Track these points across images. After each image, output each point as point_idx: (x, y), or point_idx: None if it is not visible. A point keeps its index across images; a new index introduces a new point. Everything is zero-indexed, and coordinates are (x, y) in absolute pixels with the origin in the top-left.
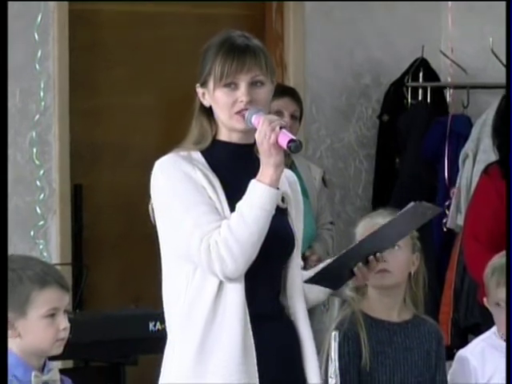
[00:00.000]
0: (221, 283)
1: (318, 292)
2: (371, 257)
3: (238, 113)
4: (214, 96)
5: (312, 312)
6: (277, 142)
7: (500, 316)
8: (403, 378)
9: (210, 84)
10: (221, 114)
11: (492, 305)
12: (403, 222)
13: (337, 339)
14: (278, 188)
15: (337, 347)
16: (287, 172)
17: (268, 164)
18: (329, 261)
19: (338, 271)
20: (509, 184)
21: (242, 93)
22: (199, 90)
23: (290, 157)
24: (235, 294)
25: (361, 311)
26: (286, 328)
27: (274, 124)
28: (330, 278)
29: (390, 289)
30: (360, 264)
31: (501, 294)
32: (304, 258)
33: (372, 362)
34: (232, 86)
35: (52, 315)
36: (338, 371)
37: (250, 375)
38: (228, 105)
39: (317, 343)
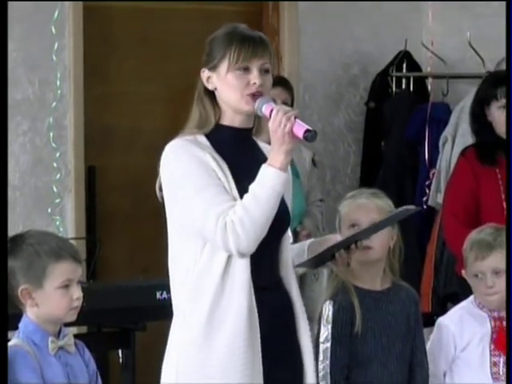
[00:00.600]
0: (228, 258)
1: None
2: (353, 245)
3: (249, 95)
4: (226, 78)
5: (303, 281)
6: (291, 131)
7: (478, 286)
8: (389, 340)
9: (222, 68)
10: (231, 96)
11: (470, 276)
12: (391, 221)
13: (331, 309)
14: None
15: (331, 316)
16: None
17: (279, 151)
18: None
19: (323, 257)
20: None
21: (254, 76)
22: (204, 74)
23: None
24: (242, 268)
25: (346, 281)
26: (282, 298)
27: (289, 114)
28: (315, 263)
29: (374, 263)
30: (342, 250)
31: (479, 266)
32: (295, 232)
33: (362, 328)
34: (245, 69)
35: (66, 286)
36: (330, 337)
37: (253, 343)
38: (241, 87)
39: (308, 309)
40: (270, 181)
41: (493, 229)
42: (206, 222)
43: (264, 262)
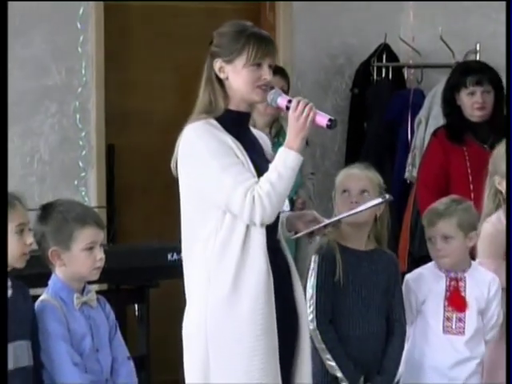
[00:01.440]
0: (248, 228)
1: (283, 232)
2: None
3: (259, 87)
4: (241, 72)
5: (298, 243)
6: (315, 120)
7: (431, 250)
8: (369, 293)
9: (238, 62)
10: (244, 87)
11: (427, 240)
12: (368, 209)
13: (316, 261)
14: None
15: (316, 267)
16: (261, 134)
17: (298, 136)
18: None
19: (311, 232)
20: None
21: (265, 72)
22: (217, 64)
23: (279, 121)
24: (261, 233)
25: (335, 240)
26: (282, 256)
27: (311, 105)
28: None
29: (360, 225)
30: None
31: (430, 232)
32: (292, 201)
33: (344, 280)
34: (257, 65)
35: (91, 248)
36: (315, 285)
37: (271, 298)
38: (253, 80)
39: (303, 267)
40: (291, 162)
41: (449, 199)
42: (234, 196)
43: (272, 228)
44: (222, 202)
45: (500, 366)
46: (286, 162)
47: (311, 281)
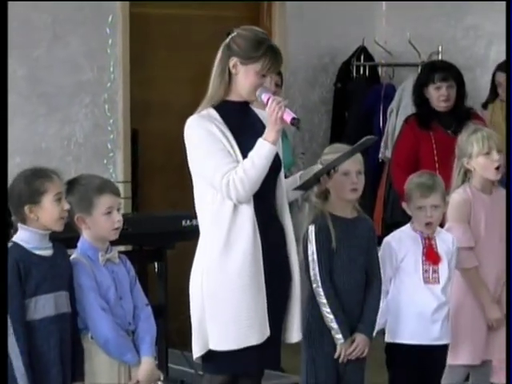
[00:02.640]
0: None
1: (293, 194)
2: (332, 170)
3: (254, 89)
4: (250, 76)
5: (290, 210)
6: (282, 117)
7: (420, 216)
8: (354, 254)
9: (252, 67)
10: (246, 87)
11: (413, 208)
12: (358, 149)
13: (313, 230)
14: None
15: (314, 235)
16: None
17: (273, 130)
18: (310, 174)
19: (312, 181)
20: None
21: (267, 82)
22: (232, 62)
23: None
24: (248, 206)
25: (327, 211)
26: (278, 224)
27: (281, 104)
28: (306, 186)
29: (353, 200)
30: (324, 175)
31: (423, 202)
32: (286, 177)
33: (336, 244)
34: (261, 75)
35: (109, 213)
36: (315, 251)
37: (257, 259)
38: (257, 86)
39: (295, 232)
40: (265, 152)
41: (429, 175)
42: (214, 178)
43: (264, 198)
44: (208, 181)
45: (460, 305)
46: (260, 151)
47: (311, 247)
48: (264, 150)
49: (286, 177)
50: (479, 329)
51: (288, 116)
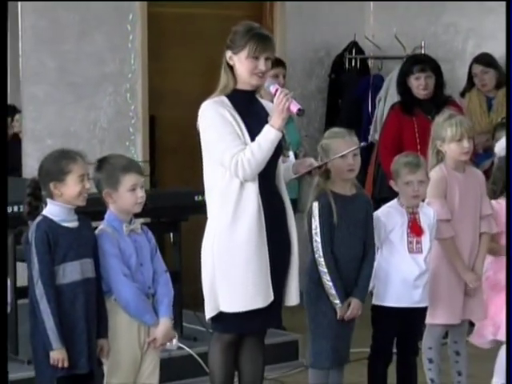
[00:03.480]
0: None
1: (289, 175)
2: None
3: (255, 74)
4: (243, 62)
5: (301, 185)
6: (288, 107)
7: (407, 191)
8: (353, 228)
9: (242, 54)
10: (244, 73)
11: (402, 184)
12: (349, 152)
13: (317, 206)
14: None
15: (317, 212)
16: (270, 105)
17: (279, 117)
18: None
19: (307, 173)
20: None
21: (261, 64)
22: (228, 55)
23: None
24: (253, 182)
25: (329, 189)
26: (278, 198)
27: (288, 96)
28: (300, 177)
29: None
30: (317, 170)
31: (411, 177)
32: (296, 154)
33: (337, 219)
34: (256, 58)
35: (133, 189)
36: (318, 225)
37: (261, 230)
38: (251, 69)
39: (305, 201)
40: (271, 137)
41: (413, 155)
42: (224, 158)
43: (267, 177)
44: (219, 160)
45: (438, 272)
46: (266, 136)
47: (315, 222)
48: (270, 135)
49: (295, 154)
50: (455, 292)
51: (294, 107)
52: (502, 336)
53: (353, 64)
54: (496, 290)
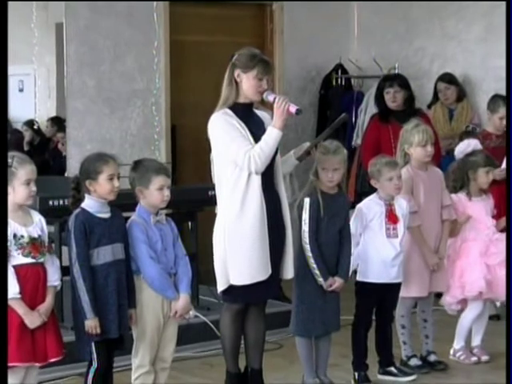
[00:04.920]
0: (249, 175)
1: (285, 168)
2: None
3: (259, 92)
4: (251, 81)
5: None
6: (288, 109)
7: (388, 186)
8: (334, 220)
9: (250, 74)
10: (250, 91)
11: (384, 181)
12: (335, 125)
13: (308, 202)
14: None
15: (308, 206)
16: (264, 114)
17: (280, 119)
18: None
19: (304, 154)
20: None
21: (264, 84)
22: (236, 72)
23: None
24: (257, 178)
25: (318, 188)
26: (275, 193)
27: (286, 100)
28: (301, 158)
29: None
30: (313, 148)
31: (391, 174)
32: None
33: (323, 213)
34: (260, 79)
35: (161, 189)
36: (307, 217)
37: (263, 219)
38: (257, 87)
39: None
40: (274, 135)
41: (388, 157)
42: (238, 156)
43: (266, 173)
44: (232, 158)
45: (410, 254)
46: (271, 135)
47: (305, 214)
48: (274, 133)
49: None
50: (424, 271)
51: (293, 108)
52: (467, 293)
53: (339, 82)
54: (455, 259)
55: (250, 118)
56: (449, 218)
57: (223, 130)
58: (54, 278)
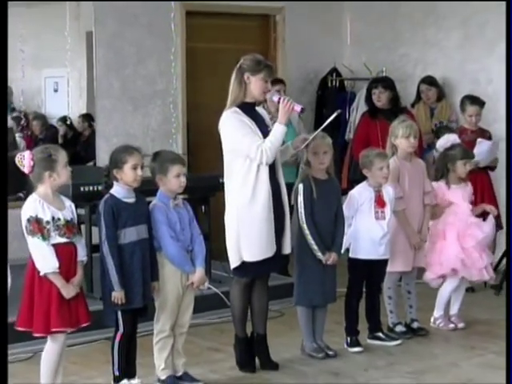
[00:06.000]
0: (258, 166)
1: (284, 157)
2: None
3: (264, 92)
4: (257, 82)
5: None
6: (293, 108)
7: (379, 175)
8: (327, 202)
9: (257, 76)
10: (257, 91)
11: (375, 170)
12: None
13: (302, 187)
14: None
15: (302, 191)
16: (263, 111)
17: (284, 116)
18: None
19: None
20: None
21: (268, 85)
22: (246, 75)
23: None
24: (265, 170)
25: (310, 175)
26: (277, 182)
27: (291, 100)
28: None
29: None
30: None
31: (382, 164)
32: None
33: (316, 196)
34: (265, 81)
35: (178, 176)
36: (303, 200)
37: (270, 205)
38: (264, 88)
39: None
40: (281, 130)
41: (377, 149)
42: (251, 149)
43: (272, 168)
44: (245, 152)
45: (395, 234)
46: (278, 130)
47: (300, 198)
48: (280, 128)
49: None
50: (407, 249)
51: (297, 107)
52: (444, 270)
53: (334, 84)
54: (436, 240)
55: (254, 116)
56: (430, 203)
57: (234, 126)
58: (82, 254)
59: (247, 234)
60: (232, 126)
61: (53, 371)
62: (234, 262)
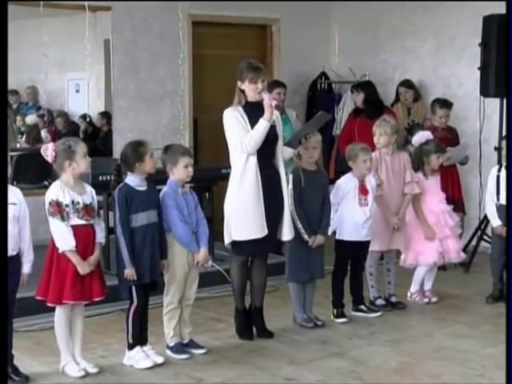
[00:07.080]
0: (248, 156)
1: (286, 154)
2: (306, 135)
3: (257, 93)
4: (248, 86)
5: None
6: (271, 104)
7: (363, 167)
8: (314, 190)
9: (246, 82)
10: (250, 93)
11: (359, 162)
12: (316, 121)
13: (291, 177)
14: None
15: (292, 180)
16: (276, 112)
17: (267, 112)
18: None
19: (296, 141)
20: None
21: (259, 85)
22: (239, 83)
23: (283, 108)
24: (253, 159)
25: (300, 166)
26: (274, 170)
27: (272, 98)
28: (294, 145)
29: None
30: (303, 138)
31: (366, 156)
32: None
33: (304, 186)
34: (255, 83)
35: (186, 166)
36: (292, 188)
37: (259, 190)
38: (254, 89)
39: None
40: (261, 126)
41: (361, 144)
42: (238, 142)
43: (266, 157)
44: (235, 145)
45: (376, 217)
46: (259, 125)
47: (290, 186)
48: (261, 124)
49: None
50: (384, 231)
51: (274, 103)
52: (422, 263)
53: (323, 86)
54: (414, 231)
55: (256, 113)
56: (409, 192)
57: (231, 122)
58: (100, 236)
59: (235, 215)
60: (229, 121)
61: (63, 335)
62: (226, 240)
